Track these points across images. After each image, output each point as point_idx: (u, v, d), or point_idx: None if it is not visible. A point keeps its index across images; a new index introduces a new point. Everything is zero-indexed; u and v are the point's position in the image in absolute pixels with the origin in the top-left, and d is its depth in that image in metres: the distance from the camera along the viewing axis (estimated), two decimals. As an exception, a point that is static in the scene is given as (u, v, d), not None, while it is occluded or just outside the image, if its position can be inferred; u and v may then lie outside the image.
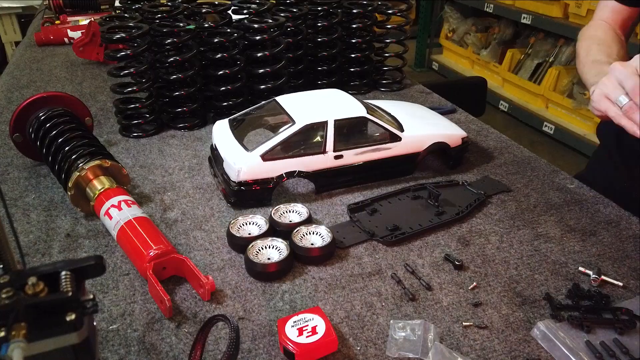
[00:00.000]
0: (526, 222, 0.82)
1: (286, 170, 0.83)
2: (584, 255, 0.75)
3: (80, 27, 1.74)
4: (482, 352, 0.59)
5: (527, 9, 3.28)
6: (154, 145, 1.06)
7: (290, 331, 0.58)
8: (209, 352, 0.58)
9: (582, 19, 2.88)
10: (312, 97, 0.92)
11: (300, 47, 1.23)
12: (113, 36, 1.01)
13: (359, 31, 1.28)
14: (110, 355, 0.58)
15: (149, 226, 0.72)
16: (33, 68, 1.51)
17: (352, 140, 0.87)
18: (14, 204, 0.86)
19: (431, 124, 0.97)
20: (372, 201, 0.85)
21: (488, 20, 4.00)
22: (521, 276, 0.71)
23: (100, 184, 0.79)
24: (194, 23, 1.08)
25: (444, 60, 4.32)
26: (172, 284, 0.69)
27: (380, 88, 1.37)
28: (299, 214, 0.80)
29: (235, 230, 0.75)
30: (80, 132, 0.88)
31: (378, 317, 0.64)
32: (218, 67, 1.10)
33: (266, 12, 1.16)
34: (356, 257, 0.74)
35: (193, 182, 0.92)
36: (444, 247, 0.76)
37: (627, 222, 0.83)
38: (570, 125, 3.02)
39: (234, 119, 0.92)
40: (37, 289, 0.35)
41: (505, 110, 3.51)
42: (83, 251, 0.75)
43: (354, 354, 0.59)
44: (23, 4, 3.25)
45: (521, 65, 3.50)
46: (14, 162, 0.99)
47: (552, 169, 0.98)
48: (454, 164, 0.97)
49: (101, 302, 0.66)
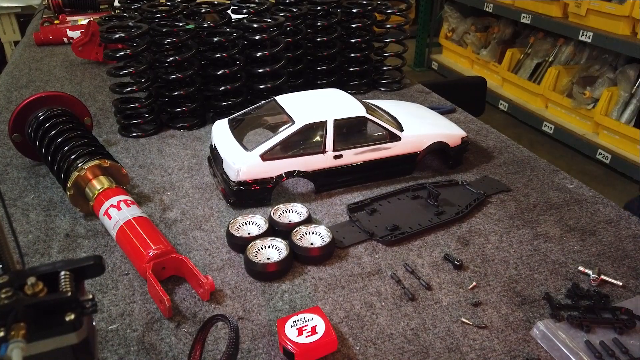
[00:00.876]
0: (526, 222, 0.82)
1: (286, 170, 0.83)
2: (583, 255, 0.75)
3: (80, 27, 1.74)
4: (482, 352, 0.59)
5: (527, 9, 3.28)
6: (153, 145, 1.06)
7: (290, 331, 0.58)
8: (209, 352, 0.58)
9: (582, 18, 2.88)
10: (312, 96, 0.92)
11: (299, 47, 1.23)
12: (112, 36, 1.01)
13: (358, 31, 1.28)
14: (110, 355, 0.58)
15: (149, 226, 0.72)
16: (32, 68, 1.51)
17: (351, 140, 0.87)
18: (13, 203, 0.86)
19: (431, 124, 0.97)
20: (372, 201, 0.85)
21: (487, 19, 4.00)
22: (521, 276, 0.71)
23: (99, 184, 0.78)
24: (193, 23, 1.08)
25: (443, 59, 4.32)
26: (172, 284, 0.68)
27: (380, 88, 1.37)
28: (299, 213, 0.80)
29: (234, 230, 0.75)
30: (80, 132, 0.87)
31: (378, 317, 0.64)
32: (217, 67, 1.10)
33: (265, 11, 1.15)
34: (356, 257, 0.74)
35: (192, 182, 0.92)
36: (443, 246, 0.76)
37: (626, 222, 0.83)
38: (569, 124, 3.02)
39: (234, 118, 0.92)
40: (36, 289, 0.35)
41: (504, 110, 3.51)
42: (82, 251, 0.75)
43: (354, 353, 0.59)
44: (22, 4, 3.25)
45: (521, 65, 3.49)
46: (13, 162, 0.99)
47: (551, 169, 0.98)
48: (454, 163, 0.97)
49: (100, 302, 0.65)
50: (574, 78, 3.08)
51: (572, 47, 3.20)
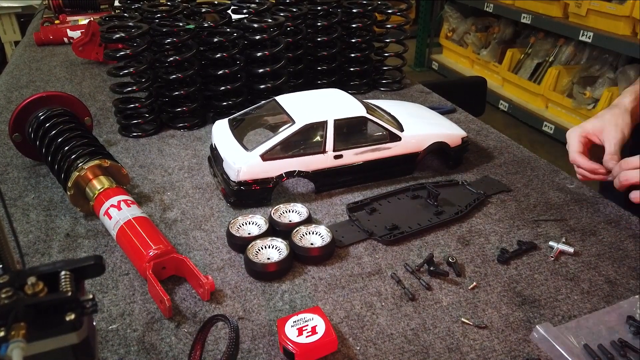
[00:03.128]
0: (526, 222, 0.82)
1: (286, 170, 0.83)
2: (583, 255, 0.75)
3: (80, 27, 1.74)
4: (482, 352, 0.59)
5: (527, 9, 3.28)
6: (154, 145, 1.06)
7: (290, 331, 0.58)
8: (209, 352, 0.58)
9: (582, 18, 2.88)
10: (312, 96, 0.92)
11: (299, 47, 1.23)
12: (112, 36, 1.01)
13: (358, 31, 1.28)
14: (110, 355, 0.58)
15: (149, 226, 0.72)
16: (32, 68, 1.51)
17: (351, 140, 0.87)
18: (14, 203, 0.86)
19: (431, 124, 0.97)
20: (371, 200, 0.85)
21: (488, 19, 4.00)
22: (521, 276, 0.71)
23: (99, 184, 0.78)
24: (193, 23, 1.08)
25: (443, 59, 4.32)
26: (172, 284, 0.68)
27: (380, 88, 1.37)
28: (299, 213, 0.80)
29: (234, 230, 0.75)
30: (80, 131, 0.87)
31: (378, 317, 0.64)
32: (217, 67, 1.10)
33: (266, 11, 1.15)
34: (356, 257, 0.74)
35: (193, 182, 0.92)
36: (443, 246, 0.76)
37: (627, 222, 0.83)
38: (570, 125, 3.02)
39: (234, 118, 0.92)
40: (36, 289, 0.35)
41: (505, 110, 3.51)
42: (82, 251, 0.75)
43: (354, 353, 0.59)
44: (22, 4, 3.25)
45: (521, 65, 3.50)
46: (13, 161, 0.99)
47: (552, 169, 0.98)
48: (454, 163, 0.97)
49: (101, 302, 0.65)
50: (575, 78, 3.09)
51: (573, 47, 3.20)
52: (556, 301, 0.66)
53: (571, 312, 0.65)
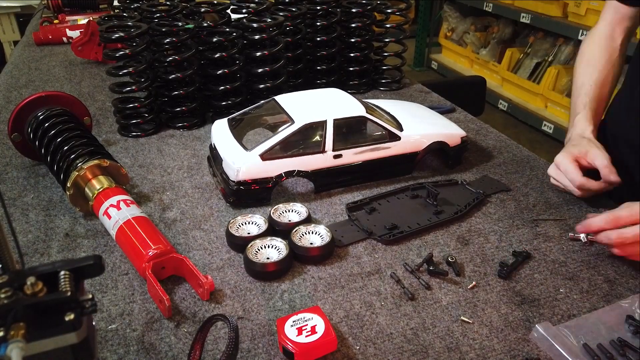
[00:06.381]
0: (525, 222, 0.82)
1: (285, 169, 0.83)
2: (583, 255, 0.75)
3: (79, 27, 1.73)
4: (482, 352, 0.59)
5: (526, 8, 3.28)
6: (153, 144, 1.06)
7: (290, 331, 0.58)
8: (208, 352, 0.58)
9: (581, 18, 2.88)
10: (311, 96, 0.92)
11: (299, 47, 1.23)
12: (112, 35, 1.01)
13: (358, 30, 1.28)
14: (109, 355, 0.58)
15: (148, 226, 0.72)
16: (32, 67, 1.51)
17: (351, 139, 0.87)
18: (13, 203, 0.86)
19: (430, 124, 0.97)
20: (371, 200, 0.85)
21: (487, 19, 4.00)
22: (520, 275, 0.71)
23: (99, 184, 0.78)
24: (192, 22, 1.08)
25: (443, 59, 4.32)
26: (171, 284, 0.68)
27: (380, 87, 1.37)
28: (298, 213, 0.80)
29: (234, 230, 0.75)
30: (79, 131, 0.87)
31: (377, 316, 0.64)
32: (217, 67, 1.10)
33: (265, 11, 1.15)
34: (355, 256, 0.74)
35: (192, 182, 0.92)
36: (443, 246, 0.76)
37: (626, 221, 0.83)
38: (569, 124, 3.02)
39: (233, 118, 0.92)
40: (35, 289, 0.35)
41: (504, 110, 3.51)
42: (82, 251, 0.75)
43: (353, 353, 0.59)
44: (22, 3, 3.24)
45: (520, 65, 3.50)
46: (12, 161, 0.99)
47: (551, 168, 0.98)
48: (453, 163, 0.97)
49: (100, 302, 0.65)
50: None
51: (572, 47, 3.20)
52: (555, 300, 0.66)
53: (570, 312, 0.65)
